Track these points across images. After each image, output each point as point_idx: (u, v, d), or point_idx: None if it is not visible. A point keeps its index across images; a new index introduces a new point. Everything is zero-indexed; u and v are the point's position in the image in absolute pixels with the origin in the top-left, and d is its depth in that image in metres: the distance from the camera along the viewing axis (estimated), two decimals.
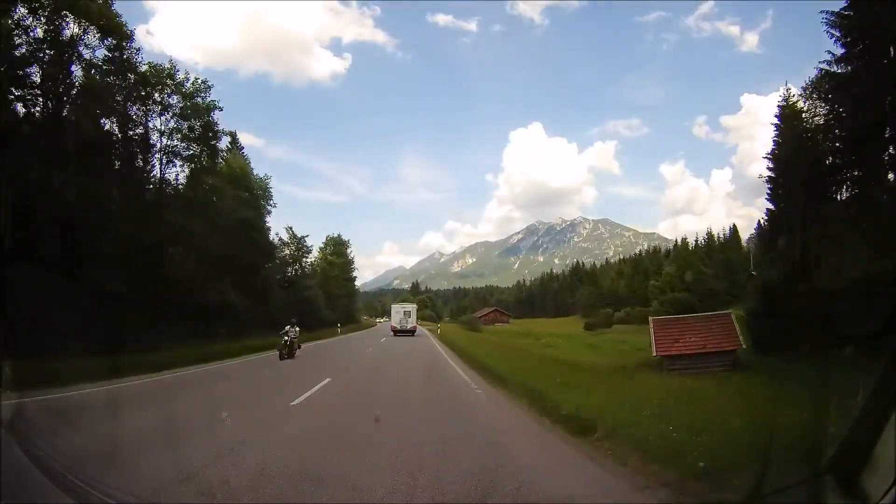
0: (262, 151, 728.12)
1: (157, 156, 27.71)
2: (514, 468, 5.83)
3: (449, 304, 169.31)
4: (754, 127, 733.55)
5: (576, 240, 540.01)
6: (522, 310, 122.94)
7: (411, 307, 50.14)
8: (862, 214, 20.14)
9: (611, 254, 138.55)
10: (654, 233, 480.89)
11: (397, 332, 45.50)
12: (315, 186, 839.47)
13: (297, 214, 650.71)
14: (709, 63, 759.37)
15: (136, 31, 25.33)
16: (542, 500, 4.70)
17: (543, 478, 5.50)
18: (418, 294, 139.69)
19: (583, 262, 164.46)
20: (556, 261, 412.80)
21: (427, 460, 6.07)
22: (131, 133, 26.41)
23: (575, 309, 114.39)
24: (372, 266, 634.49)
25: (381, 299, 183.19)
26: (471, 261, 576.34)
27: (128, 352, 15.91)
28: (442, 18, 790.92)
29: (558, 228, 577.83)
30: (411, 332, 46.01)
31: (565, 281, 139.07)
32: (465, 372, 17.40)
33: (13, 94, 19.40)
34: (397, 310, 49.05)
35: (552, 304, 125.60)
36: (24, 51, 19.99)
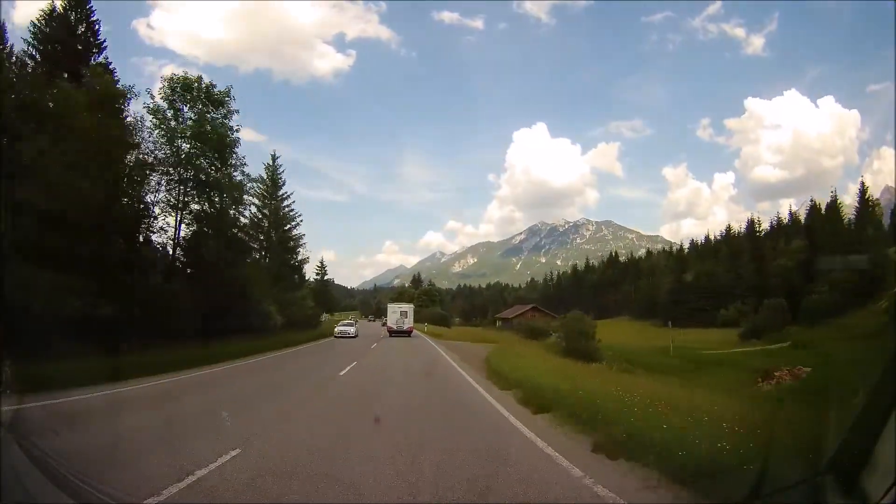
0: (263, 148, 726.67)
1: None
2: None
3: (455, 302, 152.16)
4: (757, 130, 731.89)
5: (578, 241, 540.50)
6: (552, 310, 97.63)
7: (408, 307, 49.08)
8: None
9: (613, 256, 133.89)
10: (658, 235, 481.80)
11: (393, 333, 44.84)
12: (316, 185, 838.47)
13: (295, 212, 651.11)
14: (713, 65, 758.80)
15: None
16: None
17: None
18: (419, 287, 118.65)
19: (615, 254, 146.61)
20: (559, 262, 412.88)
21: None
22: None
23: (619, 308, 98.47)
24: (372, 265, 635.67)
25: (376, 296, 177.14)
26: (472, 261, 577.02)
27: None
28: (448, 16, 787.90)
29: (561, 230, 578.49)
30: (407, 332, 45.36)
31: (605, 274, 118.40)
32: None
33: None
34: (394, 309, 47.93)
35: (590, 302, 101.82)
36: None
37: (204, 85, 26.51)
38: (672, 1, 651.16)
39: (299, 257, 47.17)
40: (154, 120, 24.57)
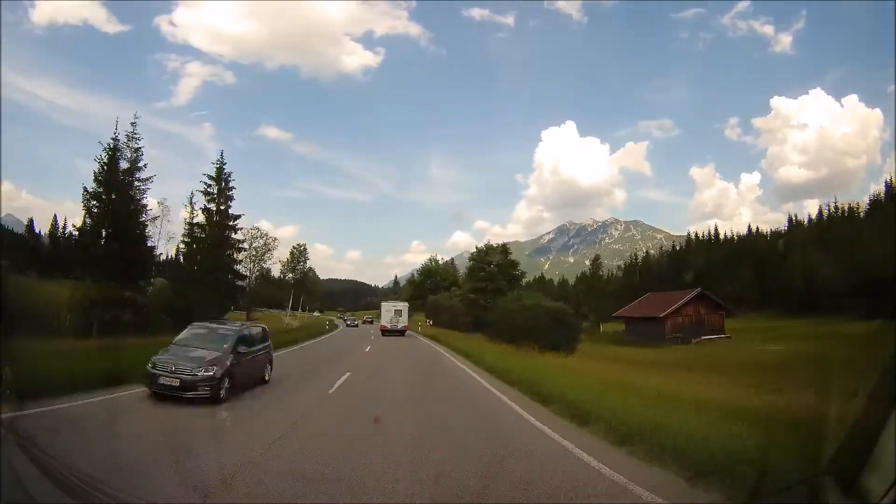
0: (289, 146, 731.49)
1: None
2: None
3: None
4: (784, 130, 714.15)
5: (607, 241, 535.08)
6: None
7: (402, 306, 49.12)
8: None
9: (642, 256, 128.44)
10: (685, 235, 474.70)
11: (386, 332, 45.03)
12: (342, 184, 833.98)
13: (322, 212, 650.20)
14: (742, 63, 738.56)
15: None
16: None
17: None
18: (449, 268, 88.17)
19: (715, 231, 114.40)
20: (587, 262, 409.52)
21: None
22: None
23: (736, 299, 62.05)
24: (400, 265, 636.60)
25: (397, 292, 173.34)
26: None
27: None
28: (478, 13, 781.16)
29: (589, 229, 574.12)
30: (401, 332, 45.51)
31: (710, 257, 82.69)
32: None
33: None
34: (388, 308, 48.22)
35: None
36: None
37: None
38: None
39: None
40: None
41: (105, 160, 29.11)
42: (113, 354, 13.62)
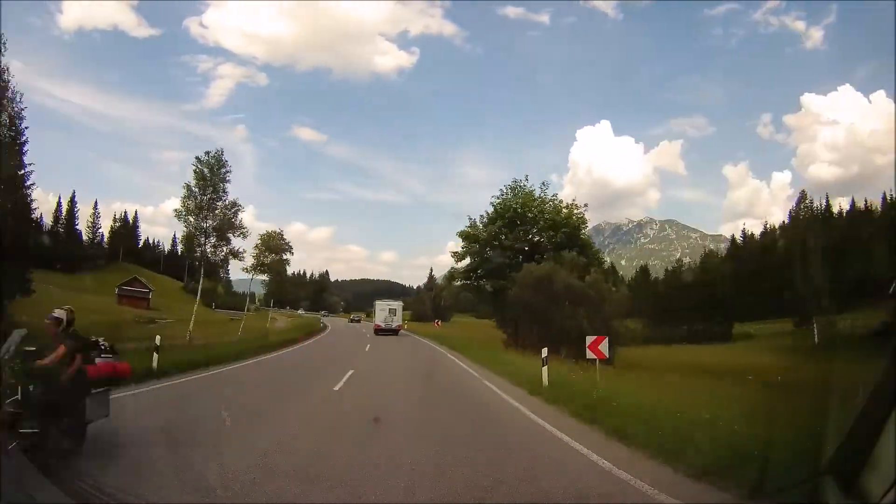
0: (322, 147, 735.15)
1: None
2: None
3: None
4: (814, 127, 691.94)
5: (642, 241, 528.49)
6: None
7: (397, 305, 49.37)
8: None
9: (678, 255, 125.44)
10: (720, 234, 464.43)
11: (380, 332, 45.18)
12: (375, 186, 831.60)
13: (355, 214, 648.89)
14: (773, 59, 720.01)
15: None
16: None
17: None
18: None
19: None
20: (623, 262, 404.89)
21: None
22: None
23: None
24: (434, 265, 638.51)
25: (432, 287, 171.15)
26: None
27: None
28: (512, 11, 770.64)
29: (625, 229, 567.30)
30: (395, 331, 45.96)
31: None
32: None
33: None
34: (382, 307, 48.27)
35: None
36: None
37: None
38: None
39: None
40: None
41: None
42: None
